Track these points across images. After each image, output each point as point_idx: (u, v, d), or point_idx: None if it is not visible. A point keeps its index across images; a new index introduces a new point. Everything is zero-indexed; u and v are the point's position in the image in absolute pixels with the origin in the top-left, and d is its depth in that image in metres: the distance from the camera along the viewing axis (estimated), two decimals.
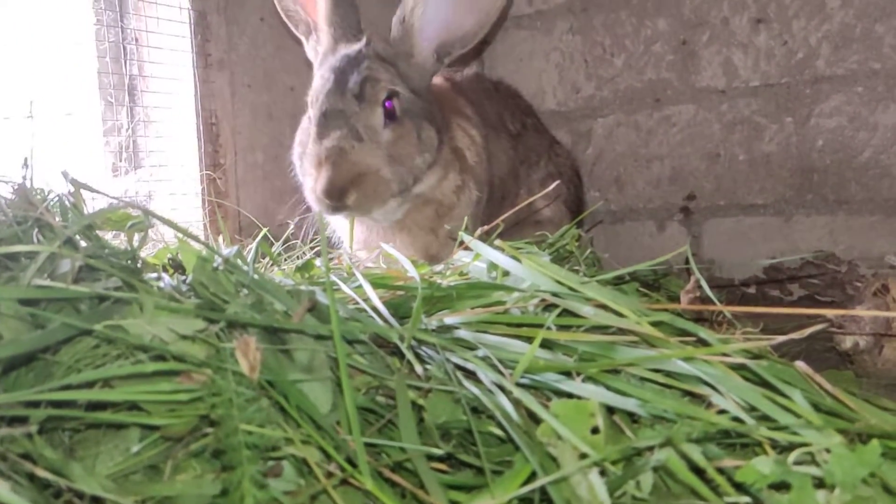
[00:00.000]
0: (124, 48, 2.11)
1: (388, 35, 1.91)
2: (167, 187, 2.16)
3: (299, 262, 2.01)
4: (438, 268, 1.36)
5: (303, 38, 1.99)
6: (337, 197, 1.70)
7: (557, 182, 2.22)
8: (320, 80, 1.82)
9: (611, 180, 2.92)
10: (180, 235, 1.09)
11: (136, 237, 1.13)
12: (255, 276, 0.99)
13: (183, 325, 0.84)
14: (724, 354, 0.88)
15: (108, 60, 2.08)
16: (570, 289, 1.04)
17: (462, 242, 1.32)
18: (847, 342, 1.35)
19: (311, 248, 2.16)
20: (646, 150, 2.85)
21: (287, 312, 0.95)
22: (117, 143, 2.08)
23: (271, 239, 2.11)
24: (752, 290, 2.64)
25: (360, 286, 1.14)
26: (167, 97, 2.19)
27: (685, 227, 2.79)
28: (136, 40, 2.13)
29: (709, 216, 2.71)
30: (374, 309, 1.06)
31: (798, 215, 2.56)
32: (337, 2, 1.88)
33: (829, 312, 1.41)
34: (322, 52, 1.91)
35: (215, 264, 1.00)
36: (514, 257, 1.15)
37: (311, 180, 1.76)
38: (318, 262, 2.02)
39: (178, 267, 1.41)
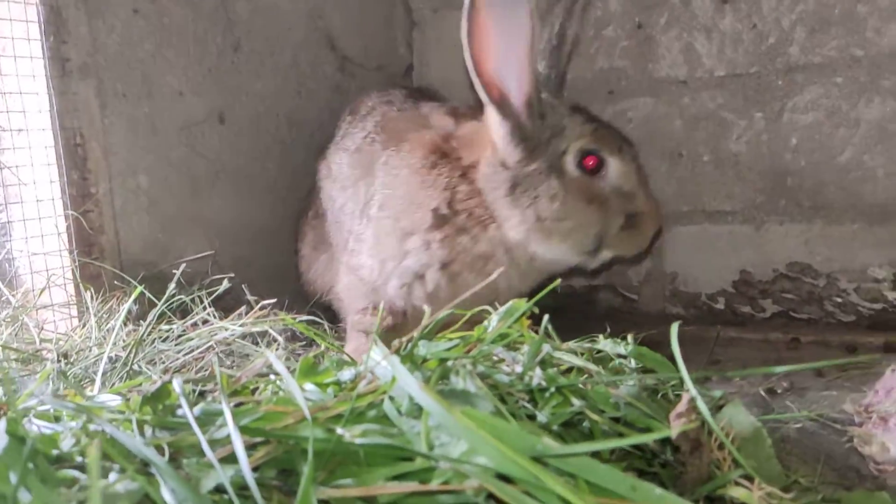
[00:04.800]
0: None
1: None
2: (21, 231, 1.74)
3: (192, 320, 1.64)
4: (347, 374, 1.01)
5: None
6: None
7: None
8: None
9: None
10: None
11: None
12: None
13: None
14: None
15: None
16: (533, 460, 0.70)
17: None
18: (872, 445, 1.05)
19: (209, 295, 1.79)
20: None
21: None
22: None
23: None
24: (720, 305, 2.37)
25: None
26: (18, 117, 1.76)
27: None
28: None
29: (671, 223, 2.40)
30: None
31: (770, 223, 2.27)
32: None
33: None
34: None
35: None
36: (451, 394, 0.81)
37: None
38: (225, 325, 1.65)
39: None
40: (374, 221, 1.81)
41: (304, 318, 1.76)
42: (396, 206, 1.78)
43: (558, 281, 1.17)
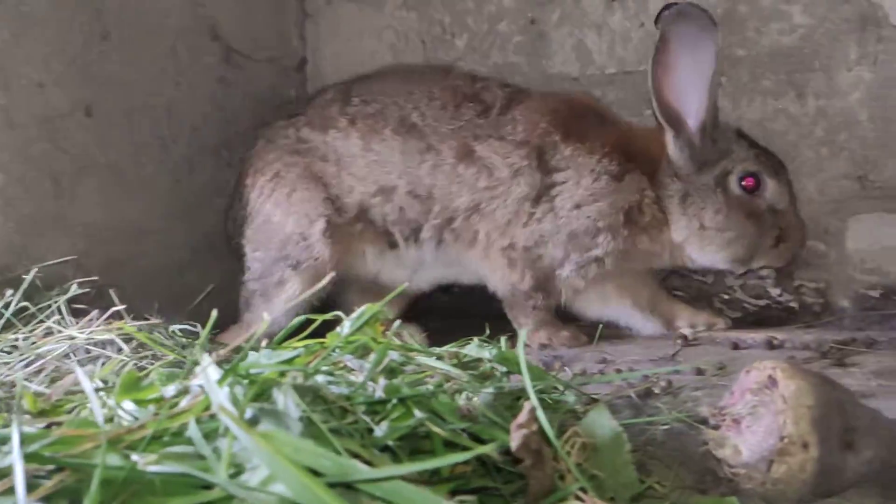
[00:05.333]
0: None
1: None
2: None
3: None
4: (170, 390, 0.93)
5: None
6: None
7: None
8: None
9: None
10: None
11: None
12: None
13: None
14: None
15: None
16: None
17: None
18: (726, 448, 1.04)
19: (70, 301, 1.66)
20: None
21: None
22: None
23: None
24: None
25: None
26: None
27: None
28: None
29: None
30: None
31: None
32: None
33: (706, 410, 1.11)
34: None
35: None
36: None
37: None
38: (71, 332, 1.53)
39: None
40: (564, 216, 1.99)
41: (179, 325, 1.65)
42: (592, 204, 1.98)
43: (404, 285, 1.12)
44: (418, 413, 0.92)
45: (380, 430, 0.89)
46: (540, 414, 0.86)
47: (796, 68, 2.08)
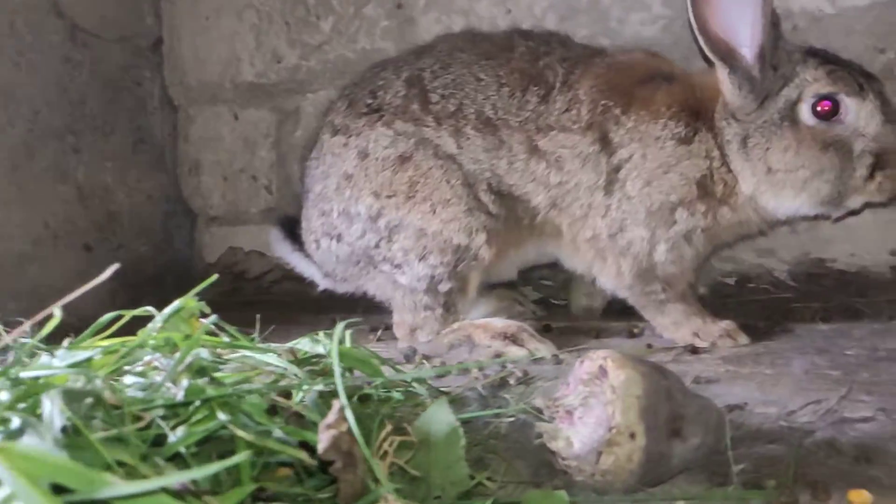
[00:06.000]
0: None
1: None
2: None
3: None
4: None
5: None
6: None
7: None
8: None
9: None
10: None
11: None
12: None
13: None
14: None
15: None
16: None
17: None
18: (559, 440, 1.01)
19: None
20: None
21: None
22: None
23: None
24: None
25: None
26: None
27: None
28: None
29: None
30: None
31: None
32: None
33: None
34: None
35: None
36: None
37: None
38: None
39: None
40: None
41: None
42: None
43: (214, 276, 1.04)
44: (221, 415, 0.85)
45: (174, 437, 0.81)
46: (348, 413, 0.81)
47: None
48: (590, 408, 1.01)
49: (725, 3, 1.64)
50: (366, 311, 2.01)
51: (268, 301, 2.46)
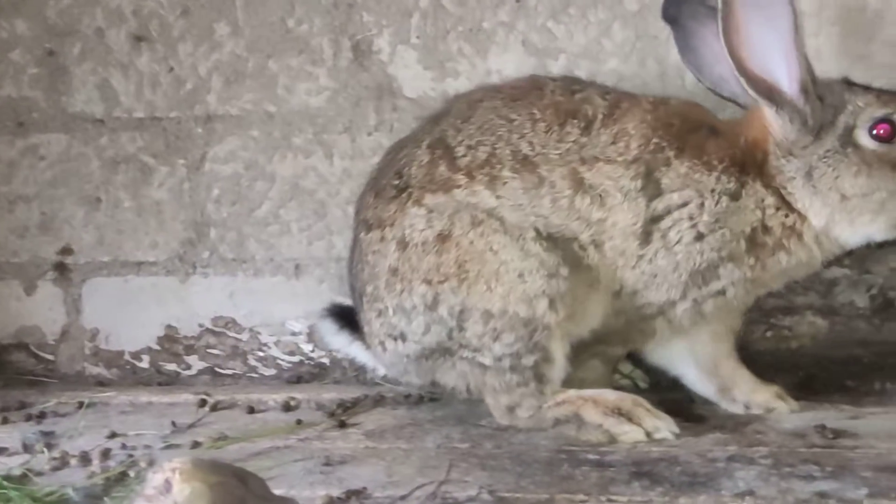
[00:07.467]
0: None
1: None
2: None
3: None
4: None
5: None
6: None
7: None
8: None
9: None
10: None
11: None
12: None
13: None
14: None
15: None
16: None
17: None
18: None
19: None
20: (7, 188, 2.18)
21: None
22: None
23: None
24: (144, 364, 2.20)
25: None
26: None
27: (61, 289, 2.20)
28: None
29: (90, 275, 2.18)
30: None
31: (195, 275, 2.17)
32: None
33: None
34: None
35: None
36: None
37: None
38: None
39: None
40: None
41: None
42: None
43: None
44: None
45: None
46: None
47: (324, 129, 2.12)
48: None
49: (759, 42, 1.62)
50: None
51: None
